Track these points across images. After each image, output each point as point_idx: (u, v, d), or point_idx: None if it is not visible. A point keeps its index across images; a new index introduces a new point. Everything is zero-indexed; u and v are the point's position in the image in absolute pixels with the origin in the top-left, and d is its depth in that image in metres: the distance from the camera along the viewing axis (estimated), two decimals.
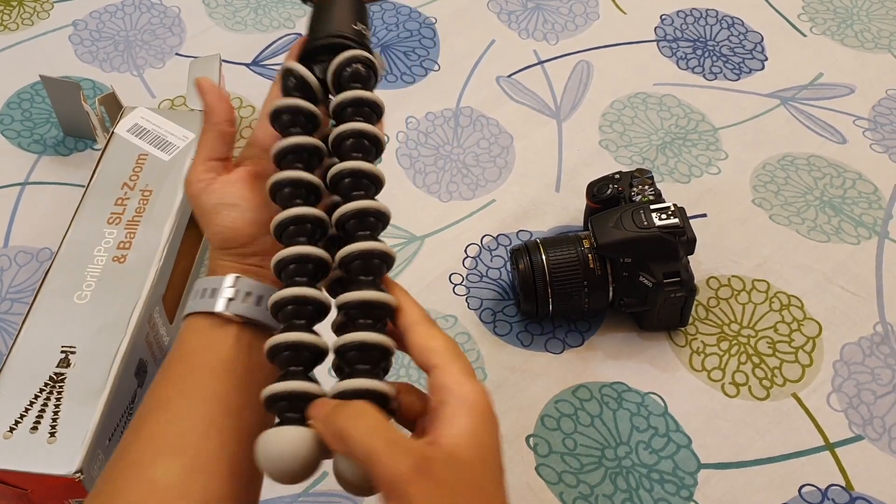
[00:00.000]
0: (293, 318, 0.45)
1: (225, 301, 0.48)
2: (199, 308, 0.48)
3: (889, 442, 0.66)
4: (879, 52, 0.94)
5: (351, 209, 0.46)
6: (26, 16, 0.96)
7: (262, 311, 0.48)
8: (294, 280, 0.46)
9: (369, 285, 0.45)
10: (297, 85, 0.50)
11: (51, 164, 0.83)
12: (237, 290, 0.48)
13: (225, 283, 0.48)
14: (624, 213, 0.67)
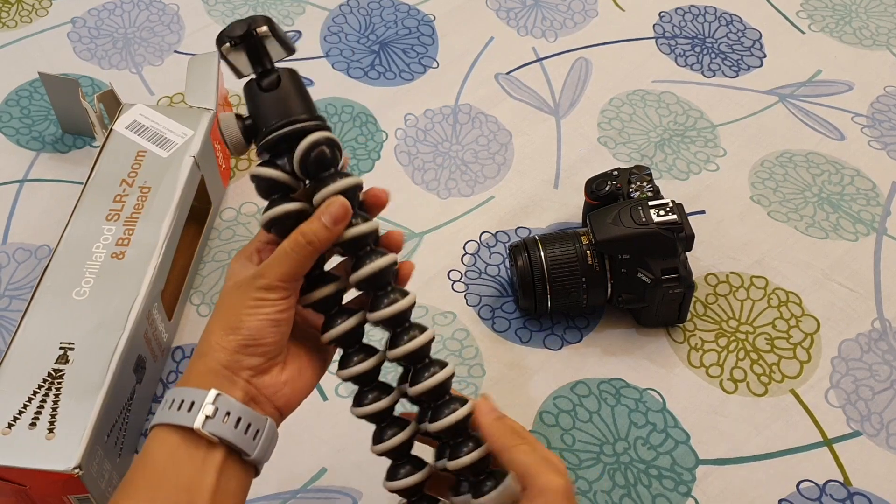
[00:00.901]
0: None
1: (203, 418, 0.44)
2: (171, 420, 0.45)
3: (887, 438, 0.66)
4: (878, 50, 0.94)
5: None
6: (25, 13, 0.96)
7: (239, 434, 0.45)
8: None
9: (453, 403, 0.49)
10: (270, 187, 0.49)
11: (49, 161, 0.83)
12: (217, 409, 0.45)
13: (206, 399, 0.45)
14: (622, 209, 0.67)
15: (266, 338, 0.47)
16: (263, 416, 0.47)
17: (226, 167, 0.81)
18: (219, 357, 0.46)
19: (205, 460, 0.45)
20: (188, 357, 0.70)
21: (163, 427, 0.45)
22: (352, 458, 0.63)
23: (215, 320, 0.48)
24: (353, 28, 0.96)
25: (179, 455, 0.44)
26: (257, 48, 0.51)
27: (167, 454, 0.45)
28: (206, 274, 0.75)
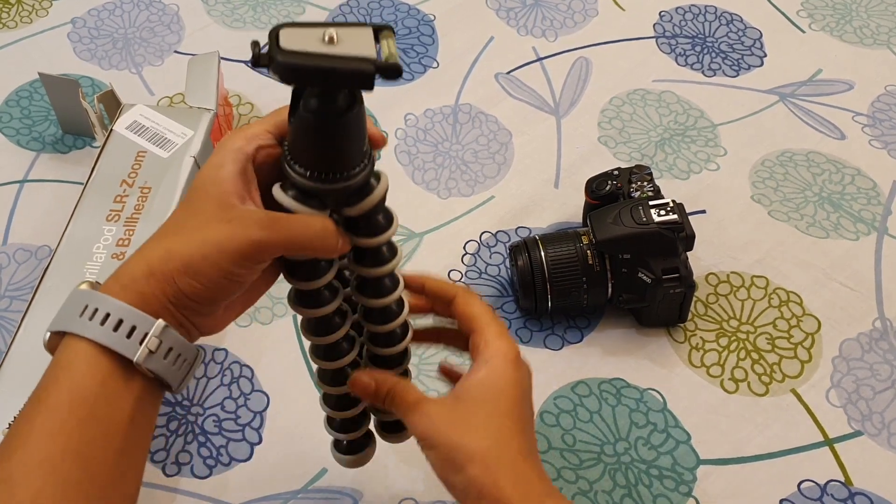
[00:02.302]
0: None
1: (146, 353, 0.40)
2: (105, 341, 0.39)
3: (888, 437, 0.66)
4: (878, 49, 0.94)
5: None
6: (25, 14, 0.96)
7: (171, 368, 0.41)
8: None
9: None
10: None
11: (49, 161, 0.83)
12: (160, 342, 0.40)
13: (152, 331, 0.40)
14: (623, 209, 0.67)
15: (225, 295, 0.42)
16: (195, 348, 0.43)
17: None
18: (163, 286, 0.41)
19: (126, 390, 0.40)
20: None
21: (90, 344, 0.40)
22: None
23: (175, 236, 0.42)
24: None
25: (110, 386, 0.40)
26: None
27: (97, 382, 0.39)
28: None
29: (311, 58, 0.36)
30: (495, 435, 0.47)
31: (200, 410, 0.67)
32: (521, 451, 0.47)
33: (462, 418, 0.47)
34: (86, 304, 0.40)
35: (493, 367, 0.48)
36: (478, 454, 0.46)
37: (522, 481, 0.46)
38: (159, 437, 0.66)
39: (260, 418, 0.67)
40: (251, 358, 0.70)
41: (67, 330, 0.40)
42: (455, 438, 0.46)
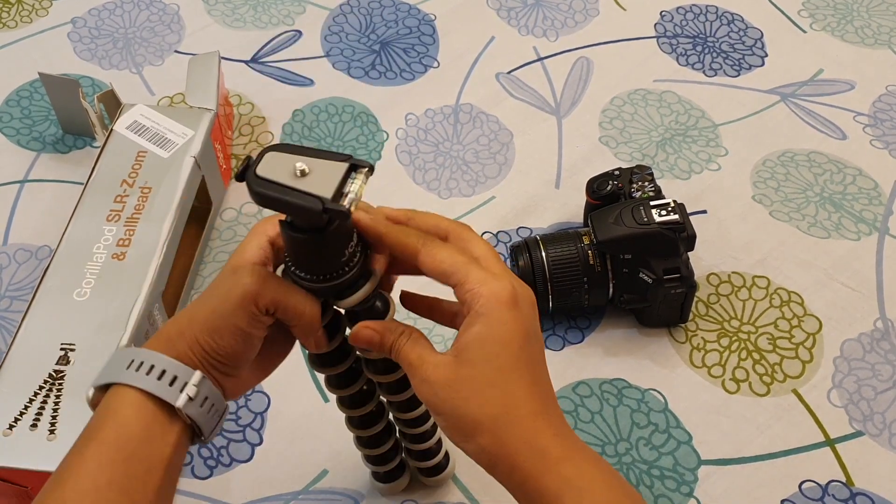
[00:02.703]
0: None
1: (185, 399, 0.44)
2: (150, 388, 0.44)
3: (889, 438, 0.66)
4: (879, 48, 0.94)
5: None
6: (25, 13, 0.96)
7: (206, 416, 0.46)
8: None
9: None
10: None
11: (50, 161, 0.83)
12: (199, 391, 0.45)
13: (192, 380, 0.45)
14: (624, 209, 0.67)
15: (241, 352, 0.46)
16: (224, 402, 0.47)
17: (226, 167, 0.81)
18: (191, 345, 0.45)
19: (167, 434, 0.45)
20: None
21: (137, 392, 0.44)
22: (353, 460, 0.63)
23: (199, 302, 0.46)
24: (353, 28, 0.96)
25: (154, 429, 0.44)
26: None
27: (143, 426, 0.44)
28: (206, 274, 0.75)
29: (274, 188, 0.41)
30: (501, 399, 0.44)
31: None
32: (533, 411, 0.45)
33: (465, 383, 0.45)
34: (132, 359, 0.45)
35: (489, 319, 0.44)
36: (485, 423, 0.44)
37: (536, 446, 0.44)
38: None
39: (261, 419, 0.67)
40: None
41: (116, 381, 0.45)
42: (460, 407, 0.44)
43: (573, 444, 0.45)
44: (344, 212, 0.40)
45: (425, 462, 0.61)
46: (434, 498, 0.63)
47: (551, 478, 0.44)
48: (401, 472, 0.62)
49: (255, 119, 0.87)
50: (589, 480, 0.44)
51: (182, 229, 0.70)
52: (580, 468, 0.44)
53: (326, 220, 0.42)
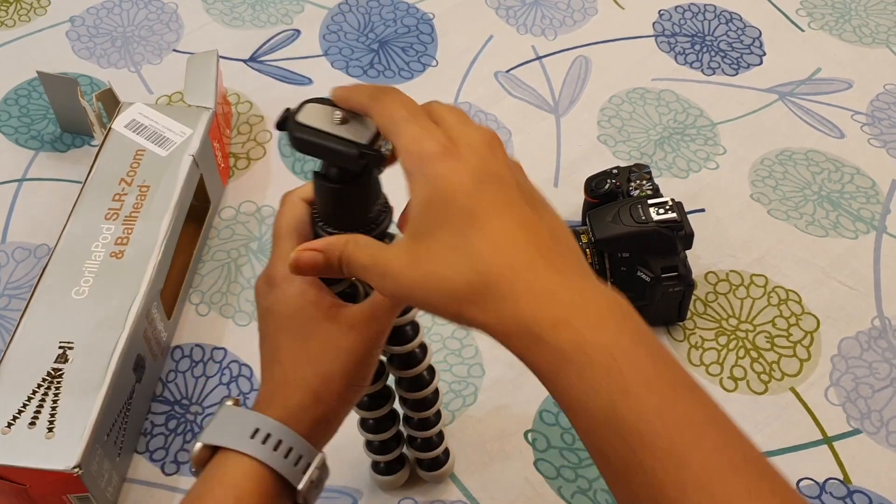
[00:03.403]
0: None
1: (308, 482, 0.44)
2: (275, 466, 0.43)
3: (887, 435, 0.66)
4: (877, 47, 0.94)
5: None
6: (23, 12, 0.96)
7: (315, 494, 0.45)
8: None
9: None
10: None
11: (48, 160, 0.83)
12: (320, 475, 0.45)
13: (315, 462, 0.44)
14: (622, 207, 0.67)
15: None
16: (327, 469, 0.47)
17: (225, 166, 0.81)
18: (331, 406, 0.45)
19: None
20: (187, 356, 0.70)
21: (257, 465, 0.43)
22: (351, 458, 0.63)
23: (311, 359, 0.45)
24: (352, 26, 0.96)
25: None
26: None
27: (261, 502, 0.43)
28: (205, 273, 0.75)
29: (314, 133, 0.42)
30: (469, 262, 0.36)
31: (199, 409, 0.67)
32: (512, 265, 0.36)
33: (424, 259, 0.38)
34: (256, 428, 0.43)
35: (423, 178, 0.39)
36: (463, 294, 0.37)
37: (522, 316, 0.36)
38: (158, 436, 0.66)
39: None
40: (250, 357, 0.70)
41: (238, 449, 0.43)
42: (429, 286, 0.37)
43: (572, 300, 0.36)
44: (379, 155, 0.42)
45: (426, 453, 0.61)
46: (432, 496, 0.63)
47: (540, 352, 0.36)
48: (400, 466, 0.62)
49: (254, 118, 0.87)
50: (590, 350, 0.35)
51: (180, 228, 0.70)
52: (579, 335, 0.35)
53: (363, 165, 0.42)
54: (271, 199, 0.80)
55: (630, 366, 0.35)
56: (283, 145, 0.85)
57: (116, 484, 0.62)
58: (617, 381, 0.34)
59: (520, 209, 0.38)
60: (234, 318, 0.72)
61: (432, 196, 0.38)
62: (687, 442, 0.34)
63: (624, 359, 0.35)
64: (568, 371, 0.35)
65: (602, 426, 0.35)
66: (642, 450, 0.34)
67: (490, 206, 0.38)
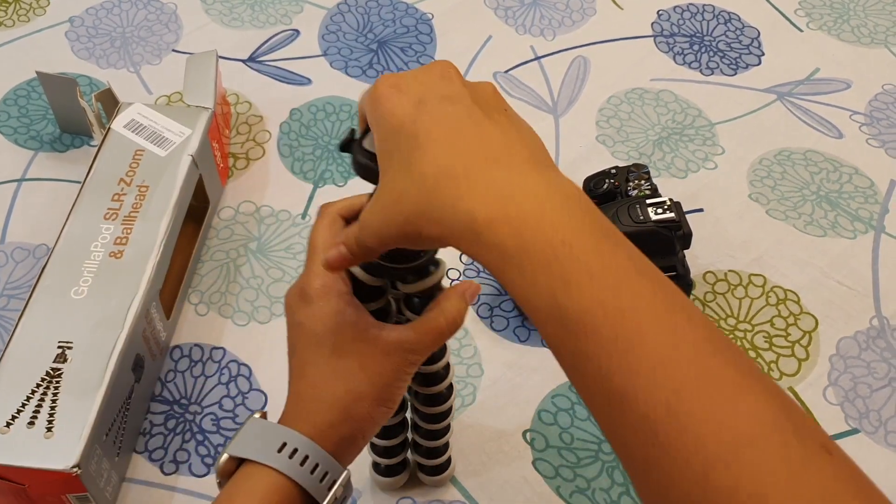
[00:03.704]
0: None
1: (332, 498, 0.44)
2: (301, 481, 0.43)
3: (885, 435, 0.67)
4: (876, 47, 0.94)
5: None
6: (22, 12, 0.96)
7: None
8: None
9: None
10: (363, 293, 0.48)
11: (47, 160, 0.83)
12: (344, 492, 0.45)
13: (340, 479, 0.45)
14: (620, 207, 0.67)
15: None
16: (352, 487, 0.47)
17: (224, 166, 0.81)
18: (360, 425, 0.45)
19: None
20: (186, 356, 0.70)
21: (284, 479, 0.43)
22: None
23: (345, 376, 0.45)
24: (351, 27, 0.96)
25: None
26: None
27: None
28: (204, 273, 0.75)
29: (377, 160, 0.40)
30: (415, 179, 0.37)
31: (198, 409, 0.67)
32: (461, 168, 0.36)
33: (381, 193, 0.39)
34: (283, 442, 0.44)
35: (380, 118, 0.38)
36: (415, 212, 0.37)
37: (469, 214, 0.36)
38: (157, 436, 0.66)
39: None
40: (249, 357, 0.70)
41: (265, 463, 0.43)
42: (390, 219, 0.38)
43: (512, 194, 0.36)
44: None
45: (430, 460, 0.61)
46: (431, 496, 0.63)
47: (483, 251, 0.36)
48: (402, 469, 0.62)
49: (253, 118, 0.87)
50: (529, 246, 0.35)
51: (179, 228, 0.70)
52: (516, 230, 0.35)
53: None
54: (270, 199, 0.80)
55: (571, 258, 0.34)
56: (282, 145, 0.85)
57: (115, 483, 0.62)
58: (557, 274, 0.34)
59: (467, 119, 0.38)
60: (233, 317, 0.72)
61: (384, 135, 0.39)
62: (630, 328, 0.33)
63: (564, 251, 0.34)
64: (510, 268, 0.35)
65: (548, 320, 0.35)
66: (586, 340, 0.34)
67: (432, 125, 0.37)
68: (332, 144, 0.85)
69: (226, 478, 0.45)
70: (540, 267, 0.34)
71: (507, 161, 0.37)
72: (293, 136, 0.86)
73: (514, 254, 0.35)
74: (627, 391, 0.33)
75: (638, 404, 0.33)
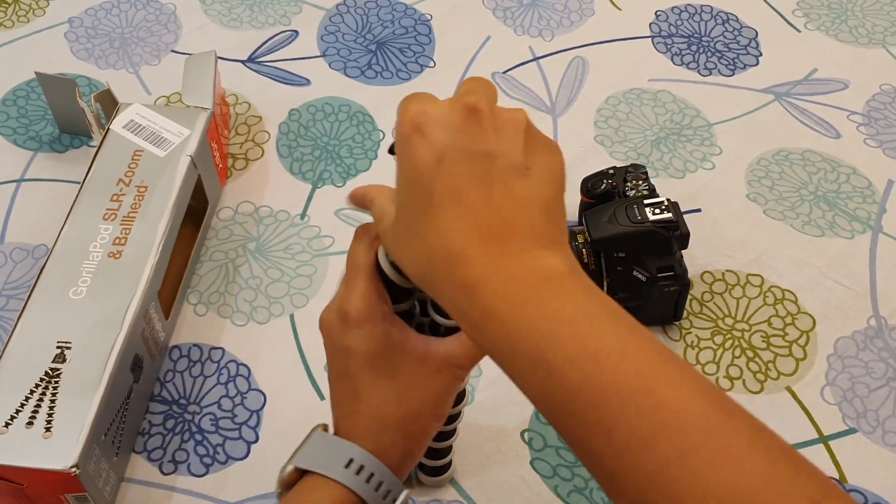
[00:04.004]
0: None
1: None
2: (366, 497, 0.44)
3: (883, 435, 0.67)
4: (873, 48, 0.95)
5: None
6: (22, 13, 0.97)
7: None
8: None
9: None
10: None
11: (46, 160, 0.83)
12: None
13: (400, 497, 0.45)
14: (618, 207, 0.67)
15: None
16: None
17: (223, 166, 0.81)
18: (417, 442, 0.47)
19: None
20: (185, 356, 0.70)
21: (348, 493, 0.44)
22: None
23: (398, 396, 0.46)
24: (349, 27, 0.96)
25: None
26: None
27: None
28: (203, 273, 0.75)
29: None
30: (422, 247, 0.38)
31: (197, 409, 0.67)
32: (458, 252, 0.37)
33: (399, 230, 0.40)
34: (350, 458, 0.44)
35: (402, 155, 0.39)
36: (419, 273, 0.39)
37: (462, 293, 0.37)
38: (156, 436, 0.66)
39: (257, 417, 0.67)
40: (248, 357, 0.70)
41: (333, 477, 0.44)
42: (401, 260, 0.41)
43: (495, 287, 0.37)
44: None
45: (433, 461, 0.61)
46: (429, 496, 0.63)
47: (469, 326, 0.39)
48: None
49: (252, 118, 0.87)
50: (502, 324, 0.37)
51: (178, 228, 0.71)
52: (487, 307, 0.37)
53: None
54: (269, 199, 0.80)
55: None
56: (281, 146, 0.85)
57: (114, 484, 0.62)
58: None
59: (479, 188, 0.38)
60: (232, 318, 0.72)
61: (404, 175, 0.39)
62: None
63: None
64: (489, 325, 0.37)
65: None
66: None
67: (446, 191, 0.38)
68: (330, 145, 0.85)
69: (286, 489, 0.45)
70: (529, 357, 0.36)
71: (504, 245, 0.37)
72: (292, 137, 0.86)
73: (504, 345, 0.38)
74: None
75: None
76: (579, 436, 0.35)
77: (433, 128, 0.38)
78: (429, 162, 0.38)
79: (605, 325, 0.36)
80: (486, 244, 0.37)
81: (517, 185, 0.38)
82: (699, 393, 0.35)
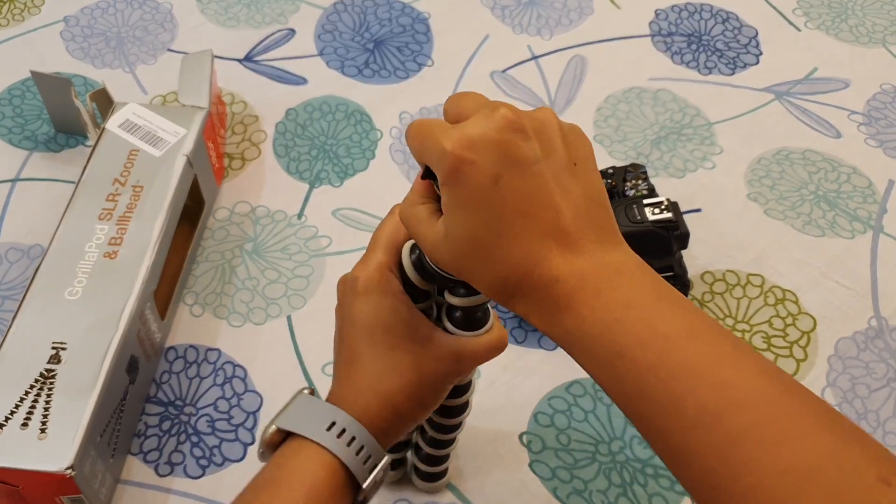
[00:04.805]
0: None
1: (372, 481, 0.45)
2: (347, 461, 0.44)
3: (883, 436, 0.66)
4: (874, 47, 0.94)
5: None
6: (17, 11, 0.96)
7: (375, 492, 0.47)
8: None
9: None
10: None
11: (42, 160, 0.83)
12: (384, 476, 0.46)
13: (381, 463, 0.46)
14: (617, 207, 0.67)
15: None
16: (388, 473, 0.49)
17: (219, 166, 0.81)
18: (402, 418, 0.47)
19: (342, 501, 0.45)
20: (181, 357, 0.70)
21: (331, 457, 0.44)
22: None
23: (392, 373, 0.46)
24: (347, 26, 0.95)
25: (336, 496, 0.45)
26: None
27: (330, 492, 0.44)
28: (199, 274, 0.75)
29: None
30: (495, 269, 0.40)
31: (193, 410, 0.67)
32: (533, 262, 0.39)
33: (462, 253, 0.40)
34: (333, 421, 0.45)
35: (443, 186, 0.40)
36: (493, 293, 0.41)
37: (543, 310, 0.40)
38: (152, 437, 0.65)
39: (253, 419, 0.67)
40: (244, 358, 0.70)
41: (315, 440, 0.44)
42: (468, 279, 0.41)
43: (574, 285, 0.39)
44: None
45: (430, 467, 0.60)
46: (427, 498, 0.63)
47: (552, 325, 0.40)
48: (396, 466, 0.62)
49: (249, 118, 0.87)
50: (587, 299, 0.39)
51: (174, 228, 0.70)
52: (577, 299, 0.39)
53: None
54: (266, 199, 0.80)
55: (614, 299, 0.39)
56: (278, 145, 0.84)
57: (110, 485, 0.62)
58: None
59: (543, 196, 0.39)
60: (229, 318, 0.72)
61: (462, 203, 0.39)
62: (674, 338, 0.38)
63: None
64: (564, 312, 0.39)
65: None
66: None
67: (513, 206, 0.39)
68: (328, 144, 0.85)
69: (270, 449, 0.46)
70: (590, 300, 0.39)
71: (575, 243, 0.39)
72: (289, 136, 0.85)
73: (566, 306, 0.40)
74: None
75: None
76: (649, 414, 0.37)
77: (480, 153, 0.38)
78: (487, 186, 0.38)
79: (674, 311, 0.39)
80: (559, 246, 0.39)
81: (571, 183, 0.40)
82: (764, 373, 0.37)
